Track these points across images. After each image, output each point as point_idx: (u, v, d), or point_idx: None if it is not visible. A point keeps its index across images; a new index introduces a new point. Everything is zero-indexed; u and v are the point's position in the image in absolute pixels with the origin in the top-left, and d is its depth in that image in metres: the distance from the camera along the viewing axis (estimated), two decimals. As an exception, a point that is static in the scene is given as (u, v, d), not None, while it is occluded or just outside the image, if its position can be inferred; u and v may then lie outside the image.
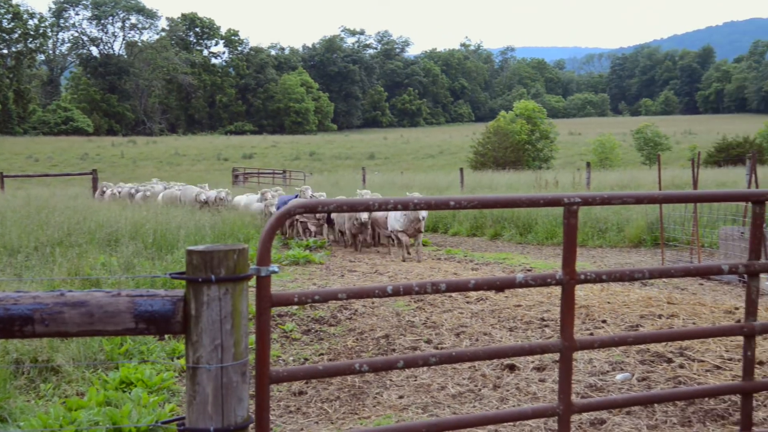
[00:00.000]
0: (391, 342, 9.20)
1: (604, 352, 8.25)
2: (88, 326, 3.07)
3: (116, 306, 3.07)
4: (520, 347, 4.10)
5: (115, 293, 3.11)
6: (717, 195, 4.67)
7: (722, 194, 4.61)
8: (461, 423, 4.08)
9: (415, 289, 3.67)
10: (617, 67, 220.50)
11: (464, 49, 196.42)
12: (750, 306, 4.36)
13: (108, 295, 3.10)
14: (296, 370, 3.52)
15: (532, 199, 4.01)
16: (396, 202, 3.72)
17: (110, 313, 3.07)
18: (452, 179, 36.57)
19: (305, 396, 7.35)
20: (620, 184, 32.98)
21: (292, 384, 7.57)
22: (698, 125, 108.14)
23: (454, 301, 11.41)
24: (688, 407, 6.50)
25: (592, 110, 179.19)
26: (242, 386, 3.17)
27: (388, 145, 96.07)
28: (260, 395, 3.29)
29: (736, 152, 48.70)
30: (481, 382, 7.49)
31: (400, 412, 6.73)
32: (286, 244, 19.55)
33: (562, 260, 3.92)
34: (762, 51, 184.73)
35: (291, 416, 6.81)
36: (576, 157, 71.40)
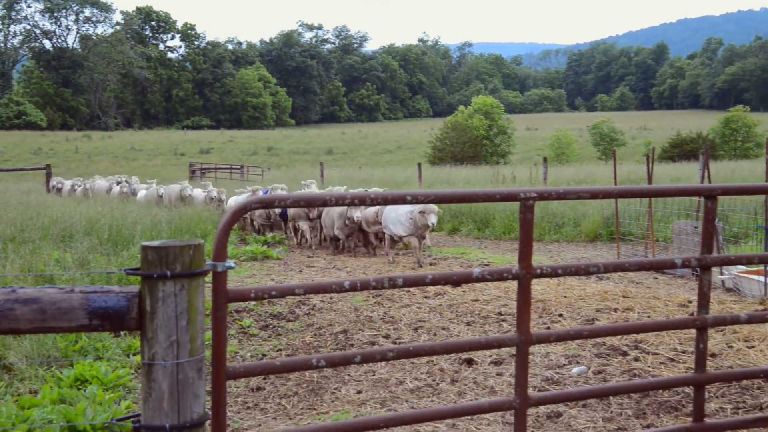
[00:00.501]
0: (349, 337, 9.20)
1: (561, 346, 8.33)
2: (41, 323, 3.02)
3: (69, 302, 3.03)
4: (477, 341, 4.12)
5: (68, 289, 3.07)
6: (670, 190, 4.71)
7: (675, 189, 4.66)
8: (419, 417, 4.09)
9: (372, 284, 3.67)
10: (573, 63, 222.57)
11: (422, 45, 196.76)
12: (702, 299, 4.42)
13: (61, 292, 3.05)
14: (253, 366, 3.50)
15: (489, 194, 4.03)
16: (353, 197, 3.71)
17: (63, 309, 3.02)
18: (410, 174, 36.63)
19: (263, 392, 7.32)
20: (576, 179, 33.26)
21: (249, 380, 7.53)
22: (653, 121, 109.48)
23: (413, 296, 11.44)
24: (642, 399, 6.59)
25: (549, 106, 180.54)
26: (198, 383, 3.14)
27: (346, 140, 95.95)
28: (217, 391, 3.27)
29: (690, 148, 49.38)
30: (439, 377, 7.52)
31: (358, 407, 6.73)
32: (243, 240, 19.43)
33: (519, 255, 3.94)
34: (714, 48, 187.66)
35: (248, 412, 6.78)
36: (533, 152, 71.88)
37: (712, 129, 61.93)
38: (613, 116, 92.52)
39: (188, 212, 19.54)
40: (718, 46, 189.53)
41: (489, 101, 69.69)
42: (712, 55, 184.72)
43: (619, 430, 5.94)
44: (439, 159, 56.91)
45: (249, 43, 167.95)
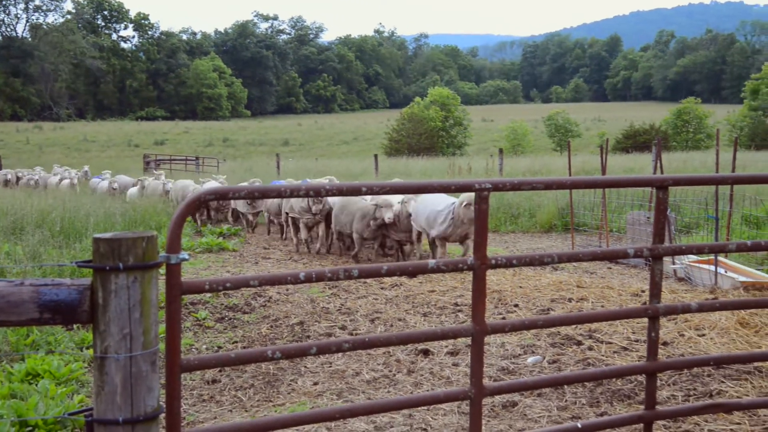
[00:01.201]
0: (305, 329, 9.18)
1: (516, 336, 8.39)
2: (-10, 317, 2.98)
3: (19, 296, 2.99)
4: (432, 332, 4.13)
5: (18, 282, 3.02)
6: (623, 181, 4.77)
7: (628, 180, 4.72)
8: (375, 408, 4.10)
9: (327, 275, 3.66)
10: (529, 55, 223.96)
11: (378, 36, 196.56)
12: (654, 288, 4.48)
13: (11, 285, 3.01)
14: (208, 359, 3.48)
15: (444, 185, 4.04)
16: (308, 189, 3.70)
17: (13, 303, 2.98)
18: (367, 166, 36.63)
19: (219, 384, 7.28)
20: (532, 170, 33.50)
21: (205, 372, 7.49)
22: (607, 112, 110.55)
23: (369, 287, 11.45)
24: (596, 388, 6.66)
25: (505, 97, 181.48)
26: (152, 375, 3.12)
27: (303, 131, 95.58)
28: (171, 384, 3.25)
29: (643, 139, 49.99)
30: (395, 368, 7.54)
31: (314, 399, 6.72)
32: (199, 232, 19.28)
33: (474, 245, 3.96)
34: (666, 40, 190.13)
35: (204, 405, 6.74)
36: (489, 143, 72.24)
37: (665, 120, 62.76)
38: (567, 108, 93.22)
39: (143, 204, 19.34)
40: (670, 38, 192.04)
41: (445, 93, 69.94)
42: (665, 47, 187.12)
43: (574, 418, 6.00)
44: (395, 150, 57.00)
45: (204, 34, 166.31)
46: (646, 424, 4.57)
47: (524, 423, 5.96)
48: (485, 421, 5.99)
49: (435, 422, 5.99)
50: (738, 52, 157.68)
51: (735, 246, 4.89)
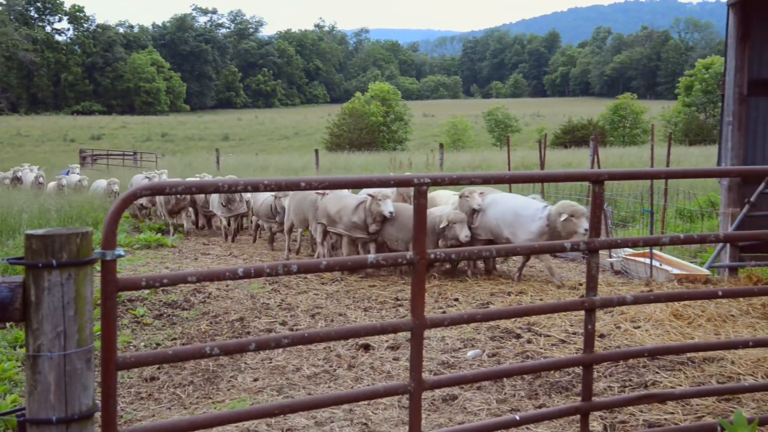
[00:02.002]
0: (245, 325, 9.13)
1: (456, 330, 8.44)
2: None
3: (-52, 294, 2.92)
4: (372, 327, 4.14)
5: (-54, 281, 2.95)
6: (560, 175, 4.84)
7: (564, 174, 4.78)
8: (315, 403, 4.10)
9: (266, 270, 3.64)
10: (469, 50, 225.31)
11: (318, 30, 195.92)
12: (590, 281, 4.54)
13: (-61, 283, 2.93)
14: (144, 356, 3.44)
15: (383, 180, 4.05)
16: (246, 183, 3.67)
17: (-59, 301, 2.91)
18: (307, 161, 36.54)
19: (157, 382, 7.20)
20: (472, 165, 33.76)
21: (143, 370, 7.39)
22: (546, 108, 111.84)
23: (310, 283, 11.42)
24: (535, 380, 6.74)
25: (445, 92, 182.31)
26: (87, 373, 3.07)
27: (243, 126, 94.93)
28: (106, 382, 3.20)
29: (581, 134, 50.72)
30: (336, 363, 7.53)
31: (255, 395, 6.69)
32: (137, 228, 19.01)
33: (413, 240, 3.97)
34: (603, 36, 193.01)
35: (142, 403, 6.66)
36: (430, 138, 72.55)
37: (602, 116, 63.81)
38: (507, 103, 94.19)
39: (79, 200, 19.01)
40: (606, 34, 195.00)
41: (386, 88, 70.16)
42: (602, 43, 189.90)
43: (513, 410, 6.06)
44: (336, 145, 56.97)
45: (141, 27, 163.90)
46: (582, 415, 4.64)
47: (464, 416, 6.01)
48: (425, 414, 6.02)
49: (375, 417, 6.00)
50: (672, 49, 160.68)
51: (668, 239, 4.99)
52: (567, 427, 5.60)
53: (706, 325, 8.14)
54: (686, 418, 5.66)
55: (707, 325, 8.14)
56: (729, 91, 12.62)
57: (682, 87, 69.94)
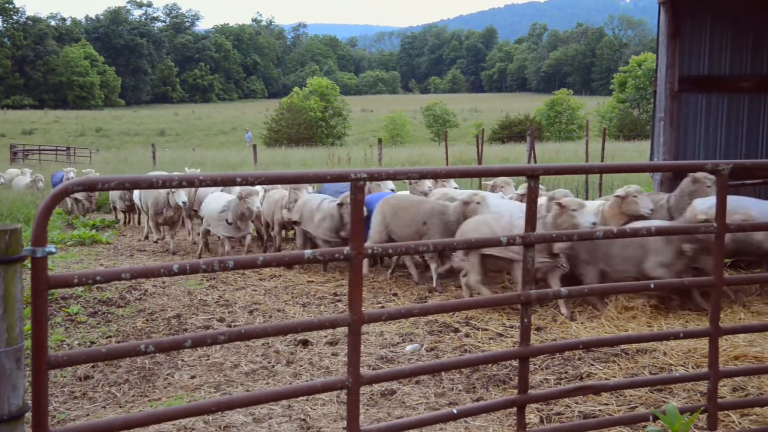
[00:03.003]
0: (182, 322, 9.03)
1: (395, 325, 8.47)
2: None
3: None
4: (309, 322, 4.14)
5: None
6: (495, 170, 4.89)
7: (500, 169, 4.84)
8: (252, 400, 4.07)
9: (202, 267, 3.61)
10: (407, 46, 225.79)
11: (256, 25, 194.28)
12: (526, 275, 4.59)
13: None
14: (77, 354, 3.38)
15: (319, 175, 4.04)
16: (181, 179, 3.63)
17: None
18: (245, 156, 36.27)
19: (92, 380, 7.08)
20: (410, 160, 33.86)
21: (77, 369, 7.26)
22: (483, 103, 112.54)
23: (248, 279, 11.35)
24: (473, 374, 6.79)
25: (384, 88, 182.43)
26: (17, 373, 3.00)
27: (180, 121, 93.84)
28: (37, 382, 3.14)
29: (518, 129, 51.21)
30: (274, 359, 7.50)
31: (192, 392, 6.62)
32: (71, 225, 18.66)
33: (350, 235, 3.97)
34: (539, 33, 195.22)
35: (76, 402, 6.54)
36: (368, 133, 72.58)
37: (539, 111, 64.49)
38: (445, 98, 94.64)
39: (11, 196, 18.60)
40: (542, 31, 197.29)
41: (324, 83, 69.99)
42: (538, 39, 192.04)
43: (451, 404, 6.10)
44: (275, 140, 56.65)
45: (73, 20, 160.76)
46: (519, 407, 4.69)
47: (402, 410, 6.03)
48: (364, 409, 6.03)
49: (314, 412, 5.99)
50: (606, 45, 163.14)
51: (602, 233, 5.06)
52: (504, 420, 5.65)
53: (641, 317, 8.30)
54: (620, 408, 5.77)
55: (641, 317, 8.30)
56: (661, 87, 12.87)
57: (617, 83, 71.06)
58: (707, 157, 13.33)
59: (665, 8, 12.64)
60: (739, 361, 6.67)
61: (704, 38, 13.15)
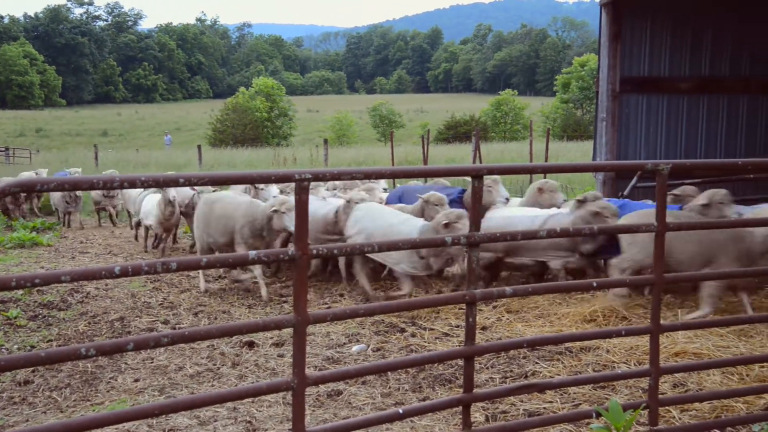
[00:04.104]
0: (126, 324, 8.92)
1: (341, 325, 8.46)
2: None
3: None
4: (254, 324, 4.11)
5: None
6: (440, 170, 4.90)
7: (445, 169, 4.85)
8: (196, 402, 4.03)
9: (144, 269, 3.57)
10: (353, 46, 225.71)
11: (200, 24, 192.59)
12: (471, 275, 4.62)
13: None
14: (15, 359, 3.32)
15: (264, 176, 4.02)
16: (122, 180, 3.58)
17: None
18: (190, 156, 35.93)
19: (32, 385, 6.96)
20: (357, 160, 33.88)
21: (16, 373, 7.13)
22: (429, 103, 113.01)
23: (192, 280, 11.25)
24: (419, 374, 6.81)
25: (330, 88, 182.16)
26: (-47, 380, 2.94)
27: (123, 121, 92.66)
28: (-26, 388, 3.07)
29: (464, 130, 51.55)
30: (220, 361, 7.45)
31: (135, 396, 6.54)
32: (10, 227, 18.28)
33: (295, 236, 3.95)
34: (484, 34, 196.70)
35: (15, 407, 6.42)
36: (314, 134, 72.43)
37: (484, 112, 64.96)
38: (391, 99, 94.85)
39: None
40: (487, 32, 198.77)
41: (270, 83, 69.73)
42: (483, 40, 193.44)
43: (397, 404, 6.11)
44: (220, 141, 56.24)
45: (12, 18, 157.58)
46: (464, 406, 4.72)
47: (349, 411, 6.03)
48: (311, 410, 6.01)
49: (260, 414, 5.96)
50: (550, 47, 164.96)
51: (545, 233, 5.11)
52: (450, 419, 5.68)
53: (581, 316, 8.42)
54: (564, 406, 5.83)
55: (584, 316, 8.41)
56: (602, 88, 13.06)
57: (560, 84, 71.95)
58: (648, 156, 13.56)
59: (606, 10, 12.83)
60: (679, 358, 6.79)
61: (644, 40, 13.38)
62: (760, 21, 13.80)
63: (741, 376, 6.31)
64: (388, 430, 5.56)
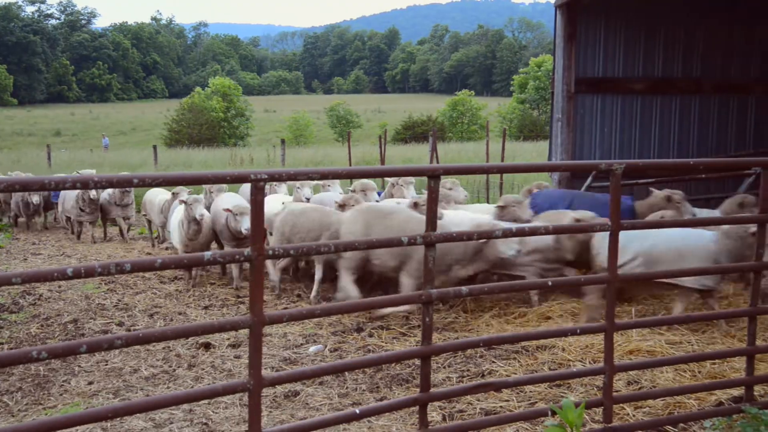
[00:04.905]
0: (79, 327, 8.81)
1: (299, 326, 8.44)
2: None
3: None
4: (210, 325, 4.08)
5: None
6: (396, 170, 4.91)
7: (401, 169, 4.86)
8: (150, 405, 4.00)
9: (98, 270, 3.52)
10: (310, 46, 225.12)
11: (155, 23, 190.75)
12: (428, 275, 4.63)
13: None
14: (-35, 363, 3.26)
15: (219, 176, 3.99)
16: (75, 180, 3.53)
17: None
18: (146, 156, 35.51)
19: (-17, 390, 6.84)
20: (314, 160, 33.78)
21: (-34, 378, 7.01)
22: (387, 104, 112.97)
23: (148, 281, 11.14)
24: (376, 374, 6.82)
25: (287, 88, 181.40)
26: None
27: (76, 121, 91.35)
28: None
29: (421, 130, 51.59)
30: (176, 363, 7.39)
31: (89, 399, 6.47)
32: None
33: (251, 237, 3.93)
34: (441, 34, 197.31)
35: (-34, 413, 6.31)
36: (272, 134, 72.05)
37: (441, 112, 65.12)
38: (348, 99, 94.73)
39: None
40: (444, 32, 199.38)
41: (226, 83, 69.22)
42: (440, 41, 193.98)
43: (354, 404, 6.11)
44: (176, 141, 55.69)
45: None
46: (421, 406, 4.73)
47: (306, 412, 6.01)
48: (268, 411, 5.99)
49: (216, 416, 5.92)
50: (506, 47, 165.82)
51: (501, 232, 5.14)
52: (407, 419, 5.70)
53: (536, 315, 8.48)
54: (520, 404, 5.88)
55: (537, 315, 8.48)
56: (558, 88, 13.17)
57: (517, 84, 72.44)
58: (603, 156, 13.71)
59: (561, 11, 12.94)
60: (633, 356, 6.87)
61: (599, 41, 13.53)
62: (708, 22, 14.03)
63: (693, 372, 6.41)
64: (345, 430, 5.56)
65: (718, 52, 14.18)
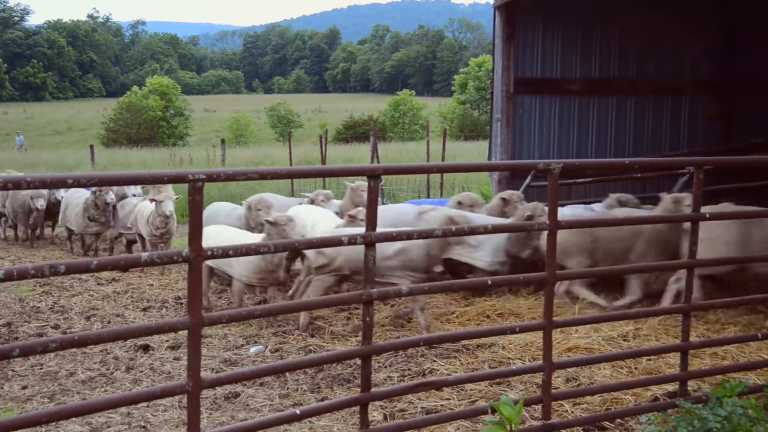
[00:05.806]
0: (13, 330, 8.63)
1: (239, 327, 8.39)
2: None
3: None
4: (147, 327, 4.03)
5: None
6: (336, 170, 4.89)
7: (341, 169, 4.85)
8: (87, 408, 3.93)
9: (30, 272, 3.45)
10: (250, 45, 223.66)
11: (92, 21, 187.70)
12: (368, 275, 4.63)
13: None
14: None
15: (156, 177, 3.95)
16: (6, 181, 3.46)
17: None
18: (82, 156, 34.99)
19: None
20: (255, 160, 33.60)
21: None
22: (328, 103, 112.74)
23: (85, 283, 10.96)
24: (317, 374, 6.81)
25: (227, 87, 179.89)
26: None
27: (10, 120, 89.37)
28: None
29: (363, 129, 51.60)
30: (113, 365, 7.29)
31: (23, 404, 6.35)
32: None
33: (189, 237, 3.89)
34: (382, 34, 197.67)
35: None
36: (212, 134, 71.39)
37: (382, 112, 65.23)
38: (289, 98, 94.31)
39: None
40: (385, 32, 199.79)
41: (165, 82, 68.44)
42: (381, 41, 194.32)
43: (295, 405, 6.09)
44: (113, 141, 54.87)
45: None
46: (362, 405, 4.73)
47: (246, 413, 5.98)
48: (208, 413, 5.94)
49: (155, 419, 5.85)
50: (447, 48, 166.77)
51: (441, 232, 5.17)
52: (348, 419, 5.70)
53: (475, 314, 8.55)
54: (461, 403, 5.92)
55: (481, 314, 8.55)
56: (497, 89, 13.27)
57: (457, 85, 72.87)
58: (541, 156, 13.86)
59: (500, 12, 13.05)
60: (572, 353, 6.96)
61: (537, 42, 13.68)
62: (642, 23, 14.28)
63: (630, 369, 6.52)
64: (286, 431, 5.53)
65: (652, 53, 14.43)
